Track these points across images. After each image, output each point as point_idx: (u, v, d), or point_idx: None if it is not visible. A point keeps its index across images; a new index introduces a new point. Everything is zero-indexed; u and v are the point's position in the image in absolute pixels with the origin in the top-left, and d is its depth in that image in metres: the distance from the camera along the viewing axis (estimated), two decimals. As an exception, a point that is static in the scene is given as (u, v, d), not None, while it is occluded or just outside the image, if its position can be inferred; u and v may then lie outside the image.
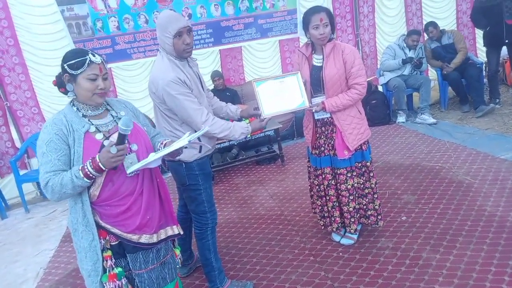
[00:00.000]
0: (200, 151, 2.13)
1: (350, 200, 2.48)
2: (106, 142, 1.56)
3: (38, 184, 4.61)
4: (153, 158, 1.55)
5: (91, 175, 1.48)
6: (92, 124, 1.58)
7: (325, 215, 2.63)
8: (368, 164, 2.52)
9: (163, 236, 1.71)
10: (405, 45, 5.02)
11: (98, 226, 1.60)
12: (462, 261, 2.24)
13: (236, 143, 4.44)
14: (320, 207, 2.63)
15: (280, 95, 2.28)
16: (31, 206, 4.37)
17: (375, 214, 2.55)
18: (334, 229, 2.60)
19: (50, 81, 5.19)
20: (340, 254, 2.53)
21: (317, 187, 2.60)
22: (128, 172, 1.56)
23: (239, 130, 2.13)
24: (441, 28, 5.13)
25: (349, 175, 2.47)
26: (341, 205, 2.53)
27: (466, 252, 2.31)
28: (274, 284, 2.36)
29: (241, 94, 5.24)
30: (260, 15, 5.28)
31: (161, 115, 2.12)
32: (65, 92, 1.61)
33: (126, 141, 1.51)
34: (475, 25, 5.21)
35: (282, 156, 4.28)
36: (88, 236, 1.58)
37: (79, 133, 1.54)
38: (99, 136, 1.58)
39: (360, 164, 2.50)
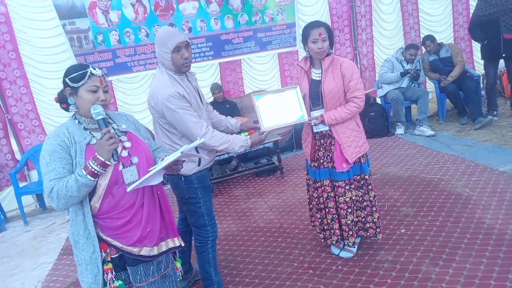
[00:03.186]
0: (199, 164, 2.14)
1: (348, 213, 2.48)
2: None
3: (37, 196, 4.62)
4: (151, 173, 1.55)
5: (94, 171, 1.49)
6: (94, 137, 1.61)
7: (325, 227, 2.62)
8: (367, 177, 2.53)
9: (164, 249, 1.72)
10: (403, 58, 5.08)
11: (99, 239, 1.61)
12: (462, 274, 2.23)
13: (235, 155, 4.45)
14: (319, 220, 2.63)
15: (279, 109, 2.31)
16: (30, 218, 4.36)
17: (374, 227, 2.55)
18: (334, 242, 2.59)
19: (51, 94, 5.26)
20: (339, 267, 2.52)
21: (316, 199, 2.60)
22: (128, 189, 1.56)
23: (239, 143, 2.15)
24: (439, 41, 5.19)
25: (347, 187, 2.47)
26: (340, 217, 2.53)
27: (466, 265, 2.30)
28: (273, 298, 2.35)
29: (240, 106, 5.27)
30: (260, 28, 5.35)
31: (160, 129, 2.13)
32: (66, 109, 1.65)
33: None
34: (473, 38, 5.27)
35: (281, 168, 4.29)
36: (89, 248, 1.59)
37: (81, 145, 1.57)
38: None
39: (358, 177, 2.51)
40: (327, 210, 2.55)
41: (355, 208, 2.52)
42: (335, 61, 2.40)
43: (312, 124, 2.43)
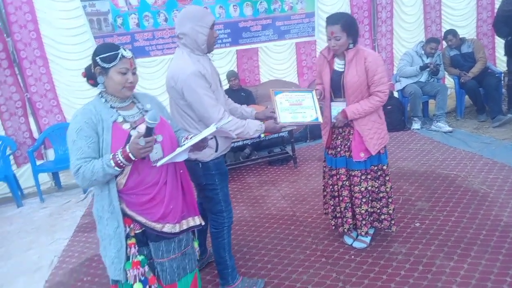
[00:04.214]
0: (216, 150, 2.14)
1: (362, 203, 2.48)
2: (133, 132, 1.61)
3: (53, 174, 4.70)
4: (180, 150, 1.59)
5: (121, 164, 1.53)
6: (120, 115, 1.64)
7: (337, 215, 2.63)
8: (385, 167, 2.51)
9: (185, 227, 1.75)
10: (423, 52, 4.99)
11: (124, 214, 1.64)
12: (477, 270, 2.22)
13: (249, 143, 4.46)
14: (332, 207, 2.63)
15: (295, 108, 2.31)
16: (46, 196, 4.45)
17: (389, 218, 2.54)
18: (345, 230, 2.59)
19: (70, 75, 5.29)
20: (352, 257, 2.52)
21: (331, 186, 2.60)
22: (158, 165, 1.60)
23: (253, 128, 2.13)
24: (461, 36, 5.08)
25: (363, 177, 2.46)
26: (354, 207, 2.53)
27: (481, 261, 2.28)
28: (285, 283, 2.36)
29: (255, 95, 5.26)
30: (278, 17, 5.30)
31: (177, 112, 2.12)
32: (94, 84, 1.67)
33: (153, 133, 1.55)
34: (497, 33, 5.15)
35: (295, 158, 4.28)
36: (113, 223, 1.62)
37: (108, 123, 1.59)
38: (126, 126, 1.63)
39: (376, 168, 2.49)
40: (340, 198, 2.55)
41: (370, 198, 2.51)
42: (359, 54, 2.35)
43: (336, 122, 2.43)
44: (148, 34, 4.87)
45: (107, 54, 1.57)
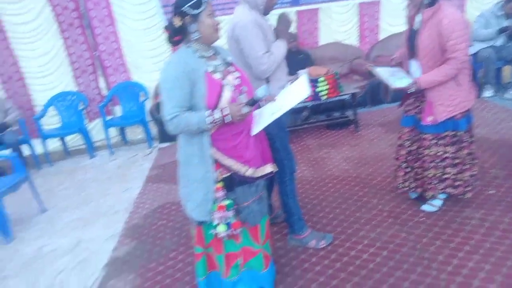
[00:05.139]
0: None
1: (430, 167, 2.42)
2: (225, 82, 1.67)
3: (121, 129, 4.98)
4: (277, 115, 1.72)
5: (217, 123, 1.62)
6: (210, 65, 1.68)
7: (406, 177, 2.59)
8: (461, 133, 2.40)
9: (261, 173, 1.82)
10: (502, 12, 4.57)
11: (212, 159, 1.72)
12: (561, 239, 2.12)
13: (308, 106, 4.42)
14: (403, 168, 2.59)
15: (392, 74, 2.46)
16: (114, 149, 4.75)
17: (464, 185, 2.45)
18: (412, 191, 2.57)
19: (135, 35, 5.41)
20: (422, 219, 2.49)
21: (404, 147, 2.56)
22: (254, 133, 1.74)
23: (282, 48, 2.18)
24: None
25: (433, 141, 2.39)
26: (423, 170, 2.47)
27: None
28: (352, 239, 2.40)
29: (314, 57, 5.15)
30: (342, -25, 5.06)
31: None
32: (179, 40, 1.68)
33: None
34: None
35: (356, 122, 4.21)
36: (202, 167, 1.70)
37: (200, 72, 1.63)
38: (217, 76, 1.68)
39: (452, 133, 2.39)
40: (409, 158, 2.53)
41: (441, 163, 2.42)
42: (437, 14, 2.16)
43: (409, 91, 2.34)
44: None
45: (193, 1, 1.60)
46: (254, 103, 1.66)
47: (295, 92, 1.86)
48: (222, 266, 1.87)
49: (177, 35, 1.67)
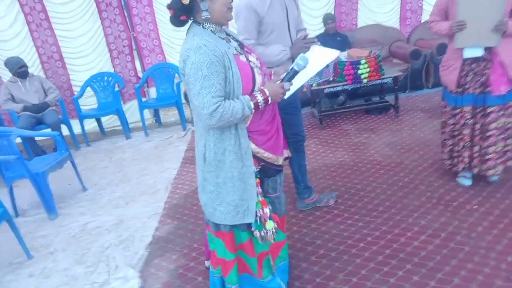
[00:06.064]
0: None
1: (499, 140, 2.39)
2: (252, 64, 1.53)
3: (155, 111, 5.01)
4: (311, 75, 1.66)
5: (259, 106, 1.48)
6: (231, 46, 1.51)
7: (454, 155, 2.57)
8: None
9: (283, 159, 1.73)
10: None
11: None
12: None
13: (345, 90, 4.29)
14: (450, 147, 2.59)
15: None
16: (148, 131, 4.79)
17: None
18: (460, 169, 2.54)
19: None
20: (475, 207, 2.38)
21: (452, 126, 2.54)
22: (291, 91, 1.61)
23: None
24: None
25: (500, 113, 2.36)
26: (488, 145, 2.41)
27: None
28: (401, 226, 2.32)
29: (352, 40, 4.99)
30: (385, -48, 4.83)
31: None
32: (185, 21, 1.50)
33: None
34: None
35: (397, 107, 4.06)
36: (237, 163, 1.53)
37: (230, 55, 1.45)
38: (242, 58, 1.52)
39: None
40: (460, 137, 2.49)
41: (502, 135, 2.39)
42: None
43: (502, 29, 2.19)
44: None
45: None
46: (294, 76, 1.51)
47: (322, 56, 1.76)
48: (255, 268, 1.73)
49: (183, 14, 1.46)
